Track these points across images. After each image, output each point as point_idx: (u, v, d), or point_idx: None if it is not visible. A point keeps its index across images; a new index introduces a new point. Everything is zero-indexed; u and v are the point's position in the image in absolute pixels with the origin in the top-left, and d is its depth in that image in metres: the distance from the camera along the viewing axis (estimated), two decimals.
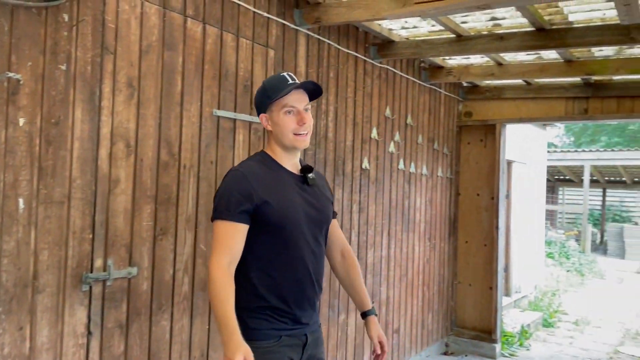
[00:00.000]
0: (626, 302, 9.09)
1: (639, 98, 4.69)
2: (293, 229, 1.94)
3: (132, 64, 2.34)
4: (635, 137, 23.50)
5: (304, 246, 1.97)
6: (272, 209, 1.90)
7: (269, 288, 1.94)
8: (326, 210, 2.08)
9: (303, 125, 1.95)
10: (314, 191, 2.05)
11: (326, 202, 2.10)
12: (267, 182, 1.94)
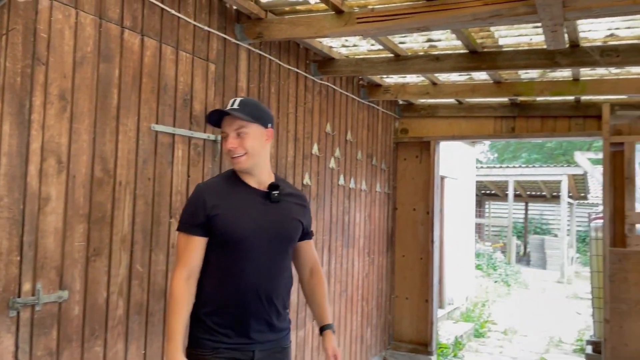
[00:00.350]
0: (549, 311, 9.60)
1: (560, 118, 5.01)
2: (240, 241, 2.00)
3: (65, 75, 2.22)
4: (553, 154, 25.06)
5: (252, 260, 2.01)
6: (221, 221, 1.98)
7: (213, 298, 2.02)
8: (287, 228, 2.12)
9: (230, 150, 2.03)
10: (278, 208, 2.09)
11: (290, 220, 2.13)
12: (223, 196, 2.04)
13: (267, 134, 2.11)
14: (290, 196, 2.19)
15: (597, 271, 5.15)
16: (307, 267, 2.32)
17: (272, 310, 2.04)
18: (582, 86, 4.12)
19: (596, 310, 5.20)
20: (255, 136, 2.05)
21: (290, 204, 2.16)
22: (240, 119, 2.02)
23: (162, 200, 2.72)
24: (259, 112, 2.08)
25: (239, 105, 2.06)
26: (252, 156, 2.05)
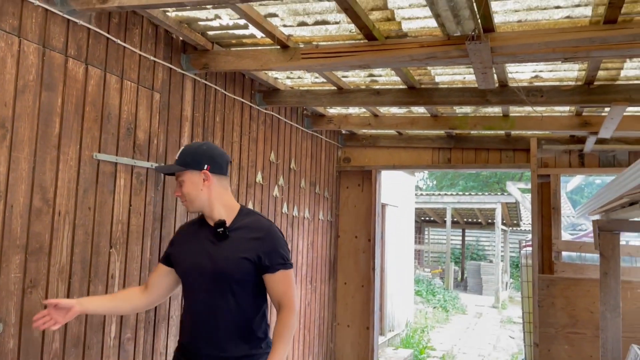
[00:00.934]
0: (485, 335, 9.92)
1: (492, 150, 5.31)
2: (183, 277, 2.26)
3: (5, 103, 2.19)
4: (488, 182, 26.18)
5: (193, 295, 2.21)
6: (173, 257, 2.30)
7: (180, 325, 2.34)
8: (226, 265, 2.11)
9: (177, 196, 2.33)
10: (223, 246, 2.15)
11: (232, 257, 2.11)
12: (185, 235, 2.34)
13: (205, 176, 2.18)
14: (243, 230, 2.17)
15: (528, 297, 5.42)
16: (275, 302, 2.16)
17: (215, 345, 2.09)
18: (511, 122, 4.40)
19: (527, 334, 5.45)
20: (190, 182, 2.19)
21: (240, 240, 2.14)
22: (173, 171, 2.25)
23: (102, 230, 2.68)
24: (192, 157, 2.19)
25: (179, 155, 2.24)
26: (192, 200, 2.21)
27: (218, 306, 2.11)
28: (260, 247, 2.14)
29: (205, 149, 2.24)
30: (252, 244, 2.14)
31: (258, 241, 2.15)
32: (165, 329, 3.15)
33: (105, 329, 2.70)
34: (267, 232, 2.19)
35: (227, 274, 2.11)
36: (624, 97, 3.36)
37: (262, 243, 2.15)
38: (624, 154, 4.96)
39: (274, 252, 2.15)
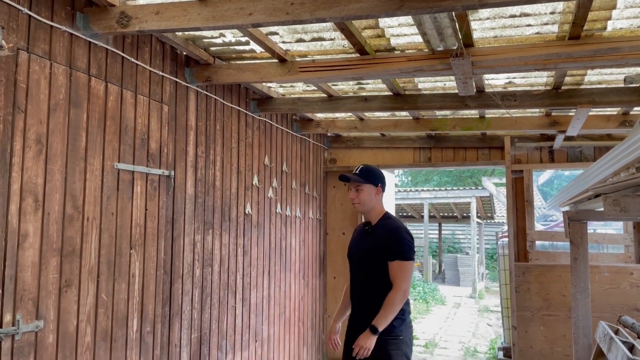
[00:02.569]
0: (464, 324, 10.35)
1: (469, 149, 5.68)
2: (349, 261, 3.25)
3: (41, 121, 2.42)
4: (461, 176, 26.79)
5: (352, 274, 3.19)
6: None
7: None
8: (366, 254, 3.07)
9: (350, 198, 3.19)
10: (367, 240, 3.11)
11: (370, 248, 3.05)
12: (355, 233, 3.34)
13: (377, 191, 3.16)
14: (380, 228, 3.08)
15: (505, 284, 5.81)
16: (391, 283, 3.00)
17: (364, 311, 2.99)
18: (487, 123, 4.76)
19: (505, 319, 5.84)
20: (367, 192, 3.12)
21: (376, 235, 3.07)
22: (357, 181, 3.11)
23: (123, 233, 2.92)
24: (373, 175, 3.14)
25: (360, 171, 3.16)
26: (363, 204, 3.13)
27: (365, 282, 3.05)
28: (388, 243, 3.00)
29: (379, 172, 3.20)
30: (384, 239, 3.02)
31: (387, 238, 3.02)
32: (179, 323, 3.40)
33: (128, 324, 2.94)
34: (395, 233, 3.03)
35: (368, 259, 3.06)
36: (588, 99, 3.74)
37: (389, 240, 3.01)
38: (589, 149, 5.38)
39: (396, 247, 2.99)
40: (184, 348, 3.44)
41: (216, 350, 3.82)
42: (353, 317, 3.16)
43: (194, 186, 3.60)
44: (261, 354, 4.51)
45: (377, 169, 3.26)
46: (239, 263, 4.16)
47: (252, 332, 4.36)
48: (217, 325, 3.83)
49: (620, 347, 2.62)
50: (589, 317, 3.60)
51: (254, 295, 4.39)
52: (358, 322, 3.06)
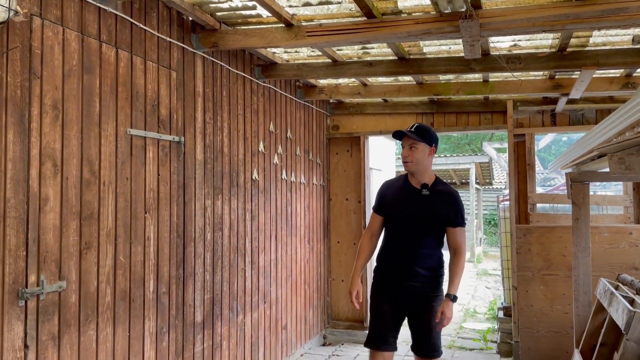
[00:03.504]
0: (463, 287, 10.57)
1: (472, 113, 5.71)
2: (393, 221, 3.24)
3: (56, 87, 2.45)
4: (459, 144, 26.82)
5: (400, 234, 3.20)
6: (386, 206, 3.29)
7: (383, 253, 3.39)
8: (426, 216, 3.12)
9: (403, 156, 3.16)
10: (424, 202, 3.14)
11: (430, 211, 3.12)
12: (392, 190, 3.31)
13: (430, 151, 3.15)
14: (440, 194, 3.13)
15: (506, 246, 5.93)
16: (452, 249, 3.19)
17: (413, 269, 3.10)
18: (490, 86, 4.79)
19: (505, 280, 5.99)
20: (421, 151, 3.11)
21: (437, 200, 3.12)
22: (416, 139, 3.08)
23: (138, 197, 2.99)
24: (428, 135, 3.12)
25: (415, 129, 3.13)
26: (417, 163, 3.12)
27: (420, 242, 3.13)
28: (450, 208, 3.13)
29: (434, 132, 3.19)
30: (446, 205, 3.13)
31: (449, 204, 3.14)
32: (193, 285, 3.50)
33: (145, 285, 3.04)
34: (456, 199, 3.17)
35: (429, 222, 3.12)
36: (593, 61, 3.76)
37: (451, 206, 3.14)
38: (591, 112, 5.42)
39: (458, 213, 3.16)
40: (198, 308, 3.56)
41: (228, 310, 3.94)
42: (398, 276, 3.17)
43: (203, 152, 3.65)
44: (270, 315, 4.64)
45: (432, 128, 3.24)
46: (247, 228, 4.25)
47: (261, 293, 4.48)
48: (228, 287, 3.93)
49: (621, 300, 2.73)
50: (589, 275, 3.72)
51: (262, 258, 4.49)
52: (407, 282, 3.13)
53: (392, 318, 3.20)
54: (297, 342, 5.26)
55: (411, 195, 3.18)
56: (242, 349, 4.17)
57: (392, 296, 3.20)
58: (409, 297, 3.16)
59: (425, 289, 3.15)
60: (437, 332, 3.14)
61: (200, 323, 3.59)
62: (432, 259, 3.15)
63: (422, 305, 3.14)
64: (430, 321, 3.09)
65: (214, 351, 3.75)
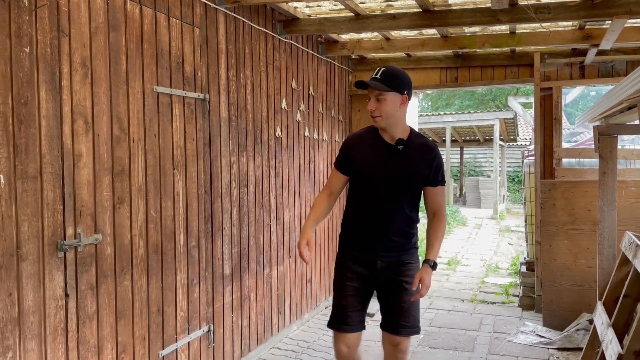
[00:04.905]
0: (485, 243, 10.61)
1: (497, 67, 5.59)
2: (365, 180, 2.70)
3: (84, 45, 2.48)
4: (483, 100, 26.30)
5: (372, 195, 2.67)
6: (354, 163, 2.72)
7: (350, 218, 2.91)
8: (403, 175, 2.65)
9: (370, 111, 2.63)
10: (400, 159, 2.64)
11: (407, 170, 2.64)
12: (361, 145, 2.73)
13: (402, 100, 2.59)
14: (417, 149, 2.66)
15: (530, 201, 5.91)
16: (431, 210, 2.75)
17: (387, 237, 2.66)
18: (518, 38, 4.67)
19: (529, 234, 5.99)
20: (390, 102, 2.56)
21: (414, 157, 2.65)
22: (384, 88, 2.53)
23: (166, 154, 3.05)
24: (397, 82, 2.56)
25: (381, 75, 2.56)
26: (387, 117, 2.59)
27: (393, 207, 2.66)
28: (430, 166, 2.67)
29: (406, 76, 2.63)
30: (425, 162, 2.67)
31: (428, 161, 2.67)
32: (221, 239, 3.60)
33: (175, 239, 3.14)
34: (436, 154, 2.71)
35: (406, 182, 2.66)
36: (625, 10, 3.63)
37: (431, 163, 2.68)
38: (622, 63, 5.26)
39: (438, 171, 2.71)
40: (226, 262, 3.67)
41: (255, 264, 4.05)
42: (371, 245, 2.71)
43: (227, 109, 3.68)
44: (295, 269, 4.76)
45: (402, 71, 2.67)
46: (272, 184, 4.31)
47: (286, 248, 4.58)
48: (254, 242, 4.04)
49: None
50: (615, 229, 3.71)
51: (287, 214, 4.57)
52: (381, 252, 2.69)
53: (361, 294, 2.73)
54: (322, 295, 5.40)
55: (385, 152, 2.65)
56: (269, 301, 4.30)
57: (362, 269, 2.72)
58: (384, 270, 2.69)
59: (401, 258, 2.71)
60: (416, 305, 2.74)
61: (229, 275, 3.71)
62: (409, 224, 2.71)
63: (397, 277, 2.69)
64: (408, 294, 2.67)
65: (242, 302, 3.89)
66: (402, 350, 2.76)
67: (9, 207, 2.12)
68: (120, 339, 2.71)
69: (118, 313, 2.70)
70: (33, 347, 2.24)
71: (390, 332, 2.74)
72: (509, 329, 4.91)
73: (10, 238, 2.13)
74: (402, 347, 2.75)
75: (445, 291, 6.55)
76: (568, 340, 4.39)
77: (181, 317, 3.20)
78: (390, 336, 2.74)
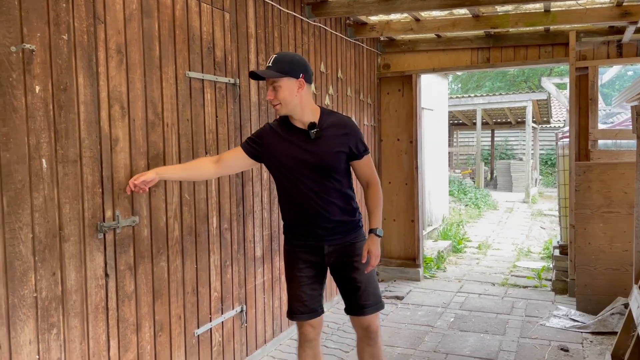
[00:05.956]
0: (517, 227, 10.47)
1: (531, 47, 5.47)
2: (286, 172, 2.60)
3: (119, 31, 2.54)
4: (515, 81, 25.73)
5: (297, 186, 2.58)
6: (269, 156, 2.63)
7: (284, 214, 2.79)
8: (325, 159, 2.55)
9: (268, 100, 2.54)
10: (318, 144, 2.55)
11: (328, 153, 2.55)
12: (275, 135, 2.63)
13: (300, 84, 2.49)
14: (332, 128, 2.57)
15: (564, 184, 5.80)
16: (364, 181, 2.71)
17: (326, 221, 2.60)
18: (552, 17, 4.55)
19: (563, 218, 5.89)
20: (287, 88, 2.47)
21: (331, 137, 2.55)
22: (270, 77, 2.46)
23: (198, 139, 3.11)
24: (290, 66, 2.47)
25: (273, 62, 2.47)
26: (286, 104, 2.50)
27: (324, 191, 2.58)
28: (349, 141, 2.59)
29: (299, 59, 2.54)
30: (342, 139, 2.58)
31: (346, 136, 2.59)
32: (252, 221, 3.66)
33: (209, 221, 3.21)
34: (351, 128, 2.63)
35: (329, 165, 2.56)
36: None
37: (349, 137, 2.60)
38: None
39: (359, 142, 2.63)
40: (257, 244, 3.73)
41: None
42: (312, 233, 2.64)
43: (257, 94, 3.71)
44: None
45: (295, 55, 2.64)
46: None
47: None
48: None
49: None
50: None
51: None
52: (325, 237, 2.63)
53: (315, 281, 2.71)
54: None
55: (298, 139, 2.56)
56: None
57: (311, 257, 2.68)
58: (332, 254, 2.66)
59: (347, 239, 2.66)
60: (373, 281, 2.71)
61: (260, 257, 3.77)
62: (346, 200, 2.65)
63: (346, 258, 2.67)
64: (361, 274, 2.65)
65: (273, 284, 3.95)
66: (374, 330, 2.74)
67: (51, 190, 2.20)
68: (157, 318, 2.80)
69: (155, 293, 2.78)
70: (76, 325, 2.33)
71: (356, 315, 2.72)
72: (542, 313, 4.86)
73: (53, 220, 2.22)
74: (373, 327, 2.73)
75: (475, 275, 6.51)
76: (602, 324, 4.33)
77: (215, 297, 3.28)
78: (358, 319, 2.72)
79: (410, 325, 4.54)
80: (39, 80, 2.15)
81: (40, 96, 2.16)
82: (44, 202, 2.17)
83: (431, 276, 6.35)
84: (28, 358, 2.12)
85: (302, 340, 2.77)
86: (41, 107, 2.16)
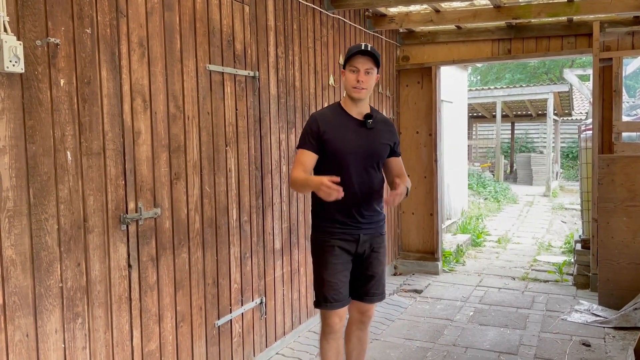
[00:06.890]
0: (537, 221, 10.35)
1: (553, 38, 5.38)
2: (343, 157, 2.71)
3: (141, 25, 2.56)
4: (536, 73, 25.31)
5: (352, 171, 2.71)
6: (329, 142, 2.71)
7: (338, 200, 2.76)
8: (377, 148, 2.78)
9: (359, 81, 2.67)
10: (371, 133, 2.77)
11: (380, 143, 2.78)
12: (330, 123, 2.75)
13: (377, 78, 2.79)
14: (381, 123, 2.84)
15: (587, 177, 5.71)
16: (395, 175, 2.89)
17: (371, 209, 2.77)
18: (575, 7, 4.47)
19: (585, 212, 5.81)
20: (374, 78, 2.73)
21: (381, 131, 2.81)
22: (373, 63, 2.67)
23: (219, 131, 3.13)
24: (380, 61, 2.74)
25: (371, 49, 2.66)
26: (368, 91, 2.74)
27: (371, 177, 2.77)
28: (393, 137, 2.89)
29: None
30: (389, 134, 2.86)
31: (390, 133, 2.89)
32: (271, 214, 3.68)
33: (229, 213, 3.23)
34: (394, 127, 2.97)
35: (379, 153, 2.80)
36: None
37: (393, 134, 2.90)
38: None
39: (398, 141, 2.95)
40: (277, 236, 3.75)
41: (304, 239, 4.12)
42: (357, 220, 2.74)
43: (276, 87, 3.72)
44: None
45: None
46: None
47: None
48: (303, 217, 4.09)
49: None
50: None
51: None
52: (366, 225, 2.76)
53: (347, 269, 2.79)
54: None
55: (356, 127, 2.74)
56: None
57: (347, 244, 2.74)
58: (365, 242, 2.77)
59: (378, 229, 2.82)
60: (384, 273, 2.90)
61: (279, 250, 3.79)
62: (380, 195, 2.81)
63: (373, 248, 2.81)
64: (381, 265, 2.83)
65: (292, 276, 3.97)
66: (370, 316, 2.91)
67: (75, 182, 2.24)
68: (179, 309, 2.83)
69: (177, 284, 2.82)
70: (100, 314, 2.37)
71: (362, 300, 2.84)
72: (563, 307, 4.81)
73: (78, 211, 2.26)
74: (370, 313, 2.90)
75: (495, 269, 6.46)
76: (625, 319, 4.27)
77: (235, 289, 3.31)
78: (360, 304, 2.85)
79: (429, 318, 4.53)
80: (63, 74, 2.18)
81: (65, 89, 2.19)
82: (69, 194, 2.21)
83: (450, 270, 6.32)
84: (54, 347, 2.17)
85: (327, 332, 2.81)
86: (66, 100, 2.19)
